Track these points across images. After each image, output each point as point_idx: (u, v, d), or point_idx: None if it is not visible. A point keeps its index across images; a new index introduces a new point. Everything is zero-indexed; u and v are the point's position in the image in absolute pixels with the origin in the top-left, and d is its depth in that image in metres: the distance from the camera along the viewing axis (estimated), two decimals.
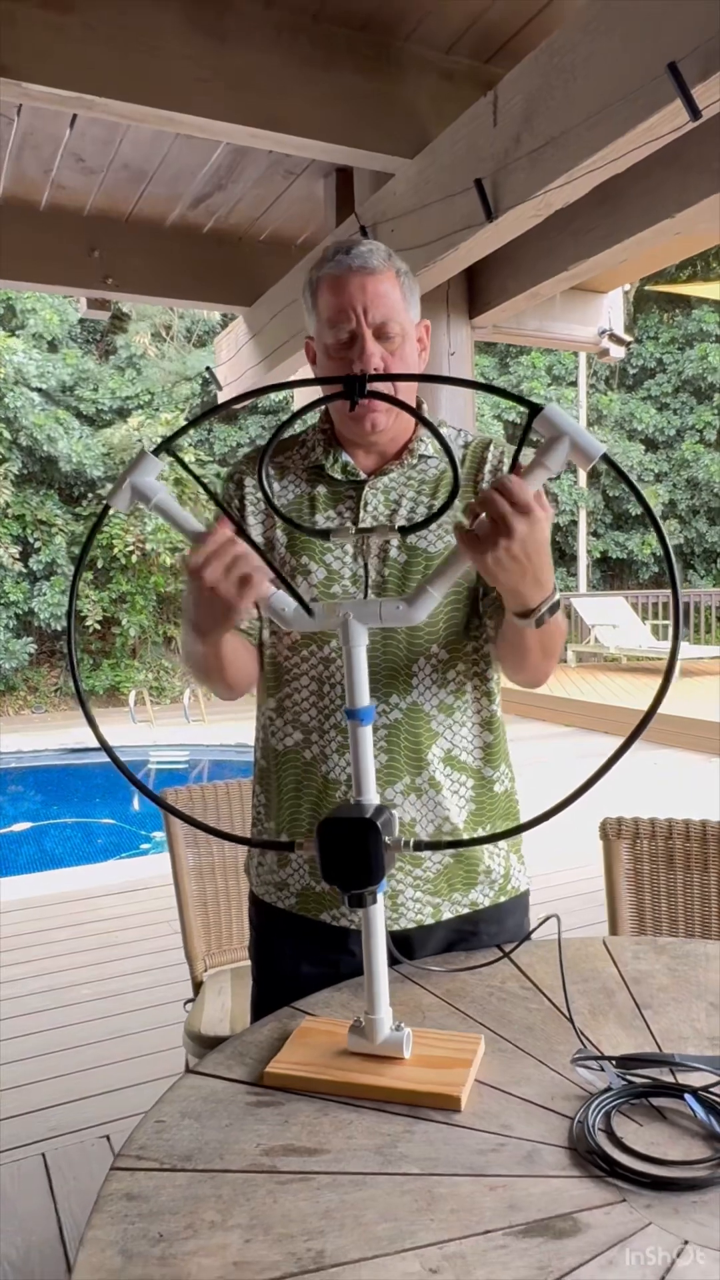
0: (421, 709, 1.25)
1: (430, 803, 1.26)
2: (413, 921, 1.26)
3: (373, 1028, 1.01)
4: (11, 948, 3.53)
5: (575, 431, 0.91)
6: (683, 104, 1.83)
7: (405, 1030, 1.01)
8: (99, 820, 7.21)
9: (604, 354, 4.52)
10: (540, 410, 0.91)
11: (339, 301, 1.20)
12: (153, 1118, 0.93)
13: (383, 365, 1.20)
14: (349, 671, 1.00)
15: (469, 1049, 1.01)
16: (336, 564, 1.26)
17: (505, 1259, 0.73)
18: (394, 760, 1.24)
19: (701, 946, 1.33)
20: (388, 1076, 0.97)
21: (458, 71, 2.90)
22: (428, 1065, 0.99)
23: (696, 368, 14.81)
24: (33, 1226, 1.95)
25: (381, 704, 1.24)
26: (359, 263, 1.20)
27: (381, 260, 1.21)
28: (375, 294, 1.19)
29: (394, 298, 1.21)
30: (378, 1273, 0.72)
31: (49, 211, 4.03)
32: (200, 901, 2.00)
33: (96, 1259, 0.74)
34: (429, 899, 1.27)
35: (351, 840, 0.94)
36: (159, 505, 1.01)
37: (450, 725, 1.28)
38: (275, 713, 1.30)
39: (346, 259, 1.21)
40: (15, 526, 11.17)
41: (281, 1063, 1.00)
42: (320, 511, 1.28)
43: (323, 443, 1.32)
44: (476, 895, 1.31)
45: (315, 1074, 0.97)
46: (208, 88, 2.64)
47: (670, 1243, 0.75)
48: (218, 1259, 0.74)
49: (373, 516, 1.27)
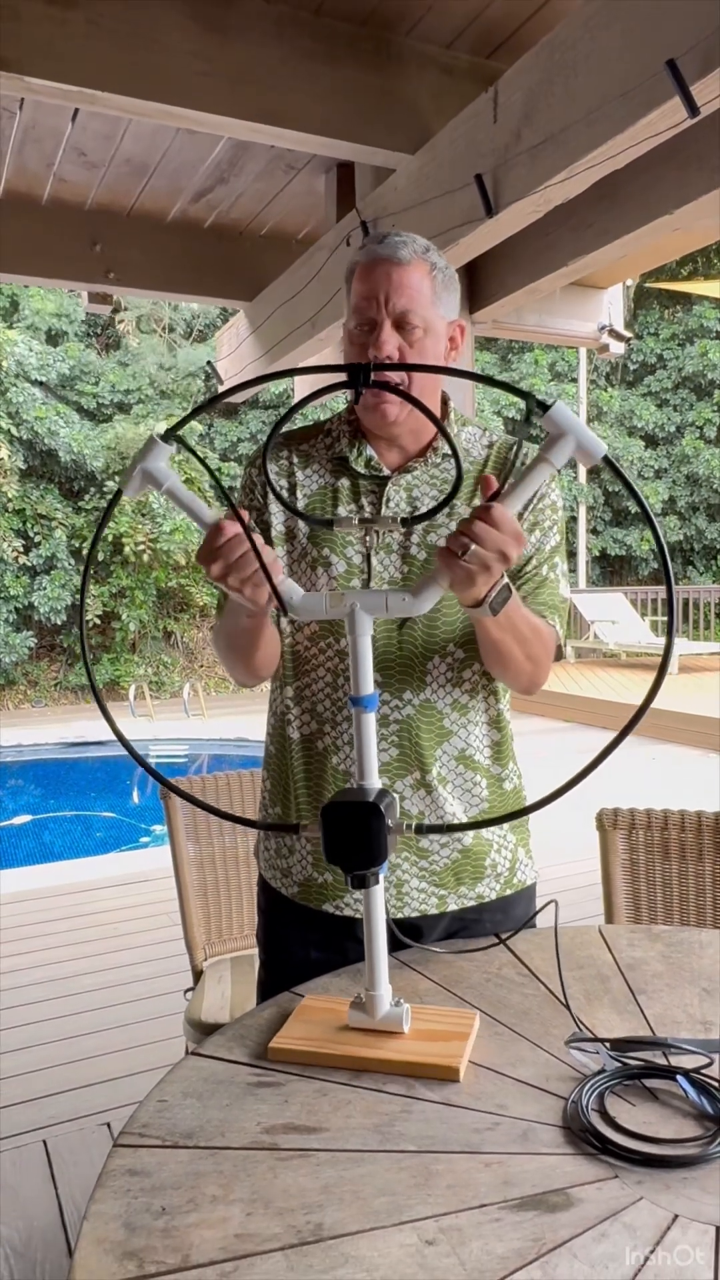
0: (434, 706, 1.26)
1: (439, 799, 1.27)
2: (417, 910, 1.28)
3: (373, 1003, 1.04)
4: (12, 939, 3.55)
5: (579, 430, 0.94)
6: (681, 101, 1.84)
7: (404, 1006, 1.04)
8: (99, 814, 7.23)
9: (604, 349, 4.53)
10: (549, 408, 0.94)
11: (364, 288, 1.21)
12: (155, 1097, 0.95)
13: (397, 355, 1.20)
14: (354, 660, 1.02)
15: (465, 1023, 1.05)
16: (357, 558, 1.26)
17: (499, 1231, 0.75)
18: (404, 755, 1.26)
19: (695, 934, 1.34)
20: (388, 1050, 1.00)
21: (458, 67, 2.91)
22: (426, 1039, 1.02)
23: (697, 364, 14.82)
24: (34, 1212, 1.98)
25: (395, 699, 1.25)
26: (388, 252, 1.20)
27: (413, 252, 1.21)
28: (400, 283, 1.20)
29: (421, 290, 1.21)
30: (375, 1244, 0.74)
31: (51, 205, 4.04)
32: (200, 891, 2.01)
33: (100, 1231, 0.76)
34: (435, 889, 1.29)
35: (355, 823, 0.97)
36: (170, 490, 1.03)
37: (464, 724, 1.29)
38: (293, 701, 1.31)
39: (378, 248, 1.21)
40: (16, 520, 11.18)
41: (285, 1038, 1.02)
42: (343, 504, 1.29)
43: (348, 434, 1.32)
44: (483, 889, 1.32)
45: (318, 1048, 1.00)
46: (209, 82, 2.65)
47: (661, 1216, 0.77)
48: (219, 1231, 0.75)
49: (394, 513, 1.27)
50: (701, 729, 7.39)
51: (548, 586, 1.31)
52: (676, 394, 15.29)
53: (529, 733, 8.08)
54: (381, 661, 1.24)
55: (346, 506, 1.29)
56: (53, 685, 11.54)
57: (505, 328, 4.18)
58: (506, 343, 14.98)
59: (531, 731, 8.15)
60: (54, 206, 4.03)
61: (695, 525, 15.43)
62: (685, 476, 15.19)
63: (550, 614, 1.31)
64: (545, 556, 1.31)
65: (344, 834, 0.98)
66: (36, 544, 11.27)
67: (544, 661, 1.25)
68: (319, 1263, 0.72)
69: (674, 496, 15.27)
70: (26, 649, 11.09)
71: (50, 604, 11.04)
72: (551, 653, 1.27)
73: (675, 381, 15.25)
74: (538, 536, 1.30)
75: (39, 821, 7.07)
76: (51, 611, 11.11)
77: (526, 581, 1.29)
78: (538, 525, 1.30)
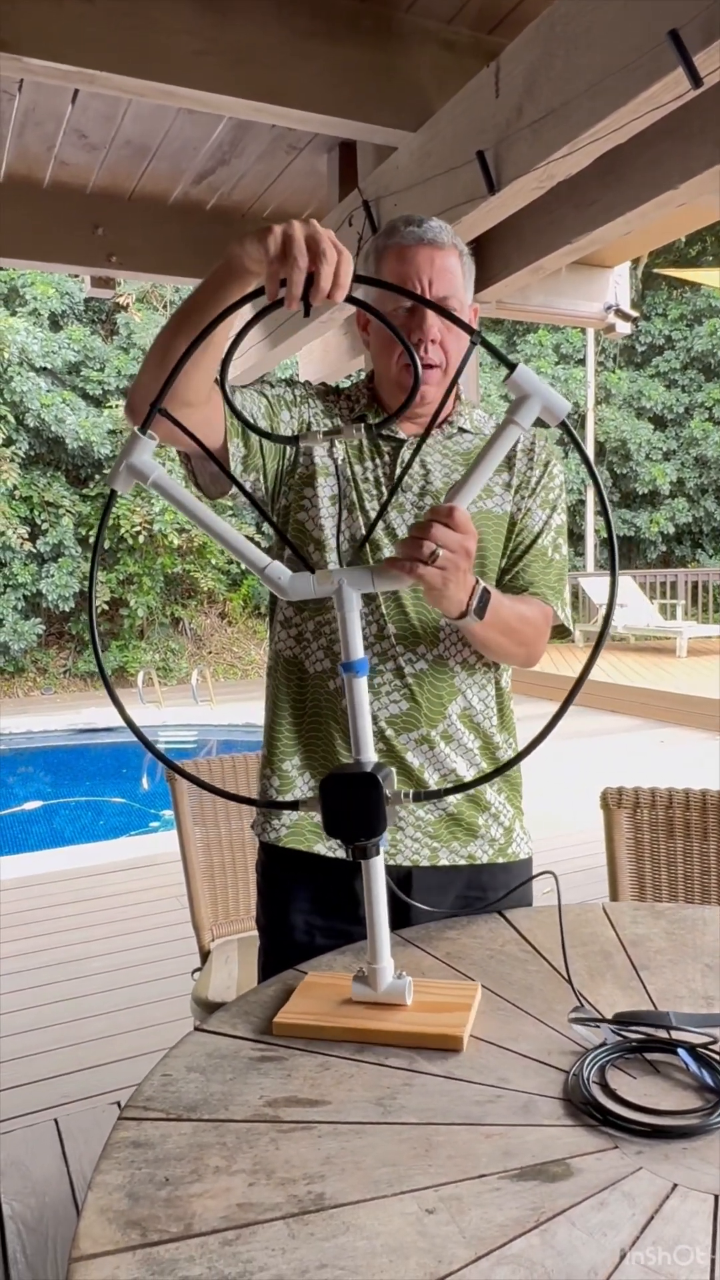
0: (446, 663, 1.30)
1: (441, 754, 1.30)
2: (409, 860, 1.31)
3: (375, 976, 1.05)
4: (24, 922, 3.58)
5: (543, 391, 0.98)
6: (684, 72, 1.82)
7: (406, 978, 1.05)
8: (108, 799, 7.28)
9: (610, 329, 4.50)
10: (515, 368, 0.97)
11: (405, 270, 1.24)
12: (159, 1071, 0.96)
13: (440, 338, 1.24)
14: (344, 633, 1.03)
15: (468, 994, 1.06)
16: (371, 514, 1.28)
17: (499, 1200, 0.75)
18: (414, 709, 1.29)
19: (699, 911, 1.35)
20: (391, 1021, 1.01)
21: (459, 43, 2.88)
22: (429, 1010, 1.03)
23: (705, 343, 14.70)
24: (45, 1189, 2.00)
25: (409, 653, 1.28)
26: (430, 236, 1.24)
27: (449, 237, 1.26)
28: (442, 268, 1.24)
29: (457, 275, 1.26)
30: (376, 1213, 0.74)
31: (52, 189, 4.02)
32: (208, 873, 2.03)
33: (104, 1201, 0.77)
34: (428, 840, 1.32)
35: (354, 794, 0.98)
36: (156, 483, 1.03)
37: (470, 684, 1.32)
38: (313, 634, 1.32)
39: (418, 231, 1.24)
40: (23, 508, 11.19)
41: (290, 1013, 1.03)
42: (359, 461, 1.32)
43: (367, 398, 1.37)
44: (475, 850, 1.34)
45: (323, 1021, 1.01)
46: (208, 61, 2.62)
47: (660, 1186, 0.77)
48: (222, 1200, 0.76)
49: (409, 475, 1.31)
50: (710, 711, 7.38)
51: (554, 568, 1.34)
52: (685, 375, 15.19)
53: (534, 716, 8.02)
54: (398, 613, 1.28)
55: (362, 465, 1.31)
56: (62, 672, 11.58)
57: (510, 308, 4.14)
58: (511, 324, 14.89)
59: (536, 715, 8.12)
60: (55, 190, 4.01)
61: (704, 507, 15.35)
62: (694, 458, 15.11)
63: (553, 597, 1.33)
64: (552, 538, 1.34)
65: (343, 806, 0.99)
66: (44, 531, 11.29)
67: (536, 643, 1.29)
68: (320, 1231, 0.72)
69: (682, 478, 15.19)
70: (35, 636, 11.12)
71: (58, 591, 11.07)
72: (544, 632, 1.31)
73: (684, 362, 15.15)
74: (542, 512, 1.32)
75: (49, 807, 7.12)
76: (60, 599, 11.14)
77: (534, 560, 1.32)
78: (535, 493, 1.34)
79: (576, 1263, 0.69)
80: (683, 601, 12.34)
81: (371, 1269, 0.69)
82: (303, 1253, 0.70)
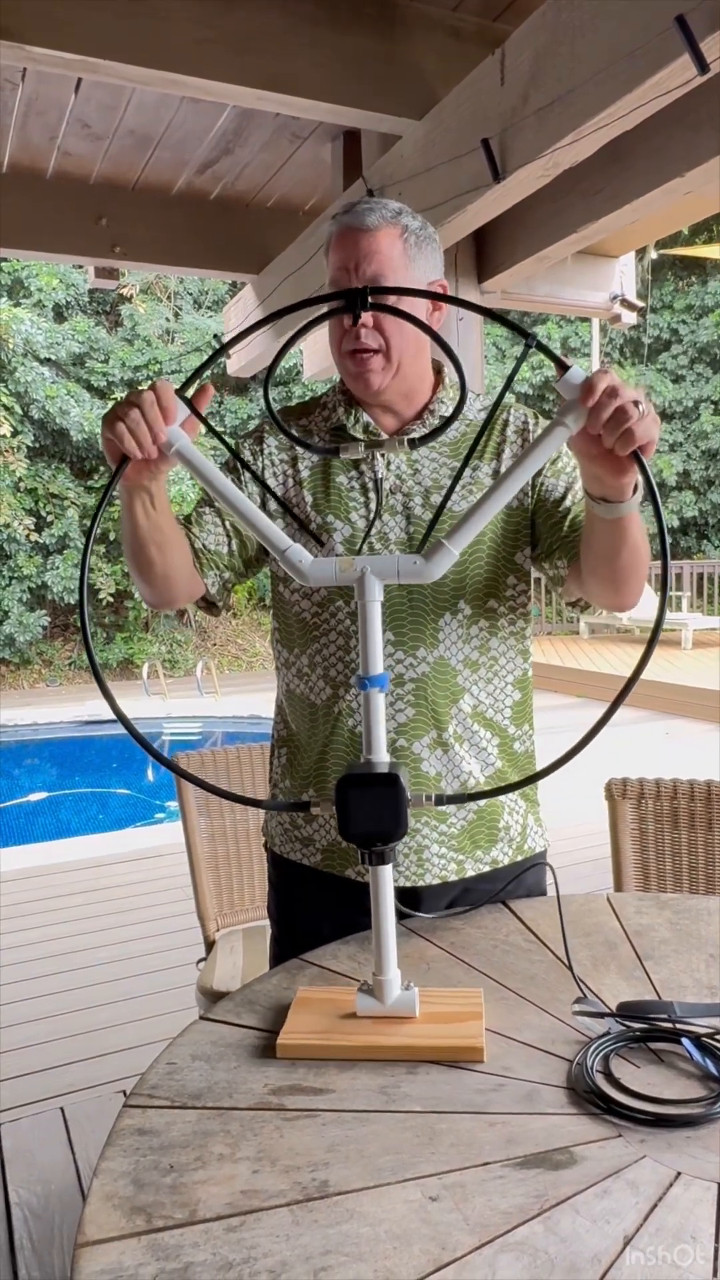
0: (448, 664, 1.27)
1: (456, 757, 1.27)
2: (437, 878, 1.28)
3: (382, 989, 1.00)
4: (30, 912, 3.59)
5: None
6: (691, 58, 1.80)
7: (414, 989, 1.01)
8: (114, 790, 7.29)
9: (616, 319, 4.47)
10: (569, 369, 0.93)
11: (336, 259, 1.23)
12: (164, 1060, 0.96)
13: (371, 323, 1.21)
14: (363, 629, 1.00)
15: (474, 1002, 1.02)
16: (361, 522, 1.27)
17: (503, 1188, 0.76)
18: (420, 715, 1.26)
19: (704, 902, 1.34)
20: (406, 1035, 0.97)
21: (465, 30, 2.86)
22: (440, 1021, 0.99)
23: (712, 334, 14.62)
24: (52, 1177, 2.01)
25: (409, 657, 1.26)
26: (355, 220, 1.22)
27: (381, 218, 1.22)
28: (367, 251, 1.21)
29: (390, 255, 1.21)
30: (379, 1200, 0.75)
31: (55, 179, 4.00)
32: (212, 863, 2.03)
33: (109, 1188, 0.77)
34: (454, 855, 1.29)
35: (374, 796, 0.94)
36: (180, 452, 1.02)
37: (478, 681, 1.29)
38: (309, 667, 1.31)
39: (345, 217, 1.23)
40: (28, 500, 11.19)
41: (292, 1033, 0.97)
42: (342, 471, 1.29)
43: (343, 403, 1.32)
44: (497, 853, 1.33)
45: (331, 1040, 0.96)
46: (212, 49, 2.61)
47: (664, 1174, 0.77)
48: (226, 1188, 0.76)
49: (396, 476, 1.28)
50: (715, 703, 7.36)
51: None
52: (693, 369, 15.10)
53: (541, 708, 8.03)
54: (393, 619, 1.25)
55: (346, 474, 1.29)
56: (67, 664, 11.60)
57: (516, 298, 4.11)
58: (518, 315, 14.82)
59: (544, 707, 8.12)
60: (59, 180, 4.00)
61: (710, 500, 15.28)
62: (701, 452, 15.03)
63: None
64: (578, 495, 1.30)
65: (362, 808, 0.94)
66: (49, 523, 11.29)
67: (641, 571, 1.21)
68: (324, 1218, 0.73)
69: (688, 471, 15.12)
70: (40, 628, 11.14)
71: (63, 583, 11.07)
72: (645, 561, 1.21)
73: (691, 356, 15.06)
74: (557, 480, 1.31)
75: (55, 799, 7.13)
76: (65, 591, 11.14)
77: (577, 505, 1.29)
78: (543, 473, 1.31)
79: (580, 1250, 0.69)
80: (688, 594, 12.31)
81: (375, 1255, 0.69)
82: (306, 1239, 0.70)
